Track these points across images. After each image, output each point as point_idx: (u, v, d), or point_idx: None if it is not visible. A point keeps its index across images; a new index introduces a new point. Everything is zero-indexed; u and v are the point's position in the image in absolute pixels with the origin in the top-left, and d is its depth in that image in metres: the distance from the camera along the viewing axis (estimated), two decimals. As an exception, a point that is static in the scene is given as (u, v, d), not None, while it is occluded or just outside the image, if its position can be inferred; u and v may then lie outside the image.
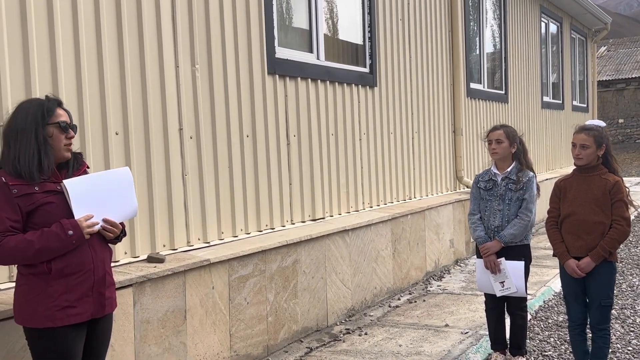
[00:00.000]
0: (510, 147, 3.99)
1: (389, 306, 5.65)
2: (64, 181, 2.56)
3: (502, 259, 3.94)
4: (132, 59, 3.77)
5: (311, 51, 5.51)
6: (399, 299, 5.88)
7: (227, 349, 4.09)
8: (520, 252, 3.97)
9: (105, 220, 2.62)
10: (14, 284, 3.05)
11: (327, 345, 4.64)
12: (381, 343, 4.64)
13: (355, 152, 5.91)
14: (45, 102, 2.62)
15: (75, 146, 2.82)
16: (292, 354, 4.45)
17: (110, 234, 2.66)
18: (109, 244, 2.76)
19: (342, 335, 4.87)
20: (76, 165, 2.70)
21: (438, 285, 6.37)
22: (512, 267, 3.92)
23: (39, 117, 2.56)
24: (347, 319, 5.27)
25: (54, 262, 2.52)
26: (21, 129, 2.55)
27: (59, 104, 2.66)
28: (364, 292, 5.56)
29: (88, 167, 2.81)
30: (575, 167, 3.72)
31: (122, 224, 2.74)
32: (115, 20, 3.68)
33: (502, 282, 3.95)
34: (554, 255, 3.78)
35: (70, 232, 2.49)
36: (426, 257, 6.65)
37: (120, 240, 2.79)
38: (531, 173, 4.01)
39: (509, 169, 4.01)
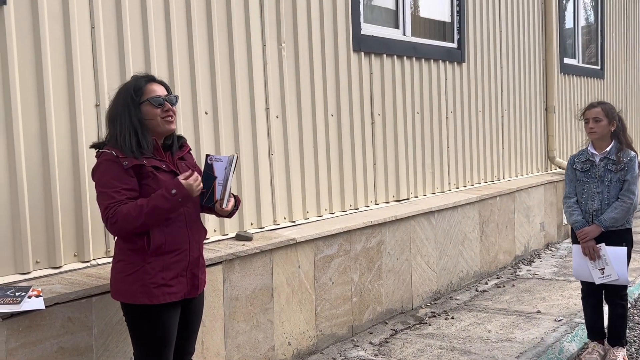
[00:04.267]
0: (609, 126, 3.73)
1: (476, 290, 5.49)
2: (235, 155, 2.73)
3: (602, 245, 3.70)
4: (221, 38, 3.79)
5: (397, 27, 5.36)
6: (486, 284, 5.71)
7: (313, 328, 4.09)
8: (621, 236, 3.72)
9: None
10: (109, 259, 3.17)
11: (412, 328, 4.57)
12: (469, 328, 4.51)
13: (441, 131, 5.74)
14: (133, 82, 2.65)
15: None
16: (377, 336, 4.41)
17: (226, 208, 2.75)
18: (218, 216, 2.89)
19: (427, 318, 4.78)
20: (176, 146, 2.74)
21: (528, 270, 6.13)
22: (614, 253, 3.67)
23: (129, 99, 2.59)
24: (432, 302, 5.16)
25: (152, 237, 2.55)
26: (117, 114, 2.61)
27: (149, 80, 2.66)
28: (449, 275, 5.43)
29: (190, 149, 2.84)
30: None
31: (236, 196, 2.88)
32: (204, -1, 3.71)
33: (602, 269, 3.71)
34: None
35: (174, 190, 2.50)
36: (515, 240, 6.40)
37: (233, 214, 2.90)
38: (632, 152, 3.72)
39: (607, 149, 3.74)
